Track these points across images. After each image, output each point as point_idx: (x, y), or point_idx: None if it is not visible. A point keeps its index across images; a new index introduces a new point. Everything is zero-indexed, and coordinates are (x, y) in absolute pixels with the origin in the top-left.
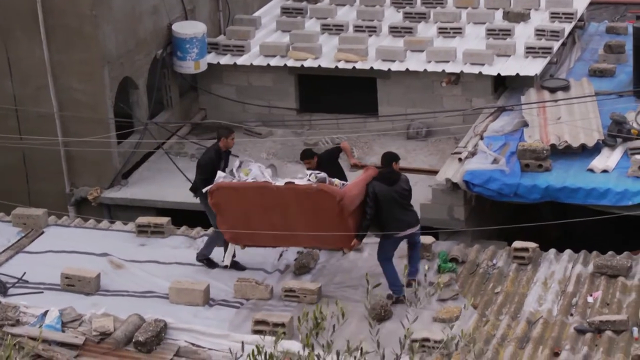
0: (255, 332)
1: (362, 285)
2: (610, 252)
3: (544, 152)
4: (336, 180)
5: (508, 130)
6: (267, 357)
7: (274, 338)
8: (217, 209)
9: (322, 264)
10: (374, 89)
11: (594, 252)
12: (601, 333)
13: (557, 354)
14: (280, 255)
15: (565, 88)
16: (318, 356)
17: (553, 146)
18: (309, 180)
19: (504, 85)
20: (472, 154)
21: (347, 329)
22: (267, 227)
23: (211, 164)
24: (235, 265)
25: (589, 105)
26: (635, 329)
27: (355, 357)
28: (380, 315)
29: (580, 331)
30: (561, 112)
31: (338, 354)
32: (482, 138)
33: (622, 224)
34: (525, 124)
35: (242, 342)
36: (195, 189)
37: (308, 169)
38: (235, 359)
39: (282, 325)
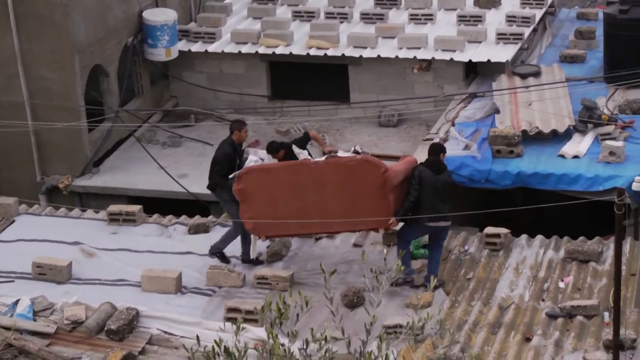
0: (228, 319)
1: (336, 271)
2: (581, 238)
3: (515, 138)
4: (360, 150)
5: (479, 116)
6: (226, 351)
7: (242, 326)
8: (242, 196)
9: (294, 251)
10: (345, 76)
11: (565, 238)
12: (572, 318)
13: (528, 339)
14: (253, 242)
15: (536, 74)
16: (283, 345)
17: (524, 132)
18: (355, 151)
19: (475, 72)
20: (444, 140)
21: (319, 316)
22: (297, 213)
23: (227, 158)
24: (255, 260)
25: (559, 91)
26: (606, 314)
27: (321, 345)
28: (353, 302)
29: (552, 316)
30: (532, 98)
31: (307, 342)
32: (453, 124)
33: (593, 210)
34: (497, 110)
35: (197, 336)
36: (214, 187)
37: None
38: (193, 353)
39: (252, 312)
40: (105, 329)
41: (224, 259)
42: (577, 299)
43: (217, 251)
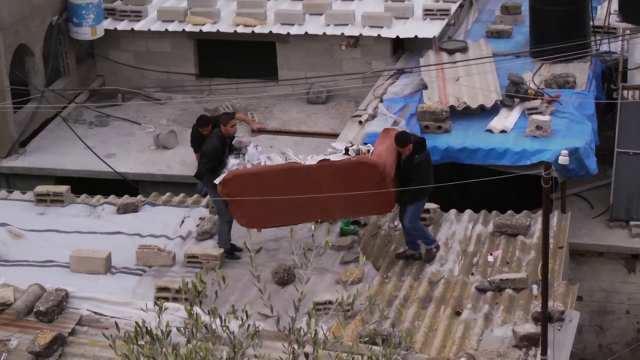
0: (158, 299)
1: (265, 249)
2: (509, 212)
3: (443, 113)
4: (363, 148)
5: (407, 92)
6: (148, 332)
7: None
8: (229, 197)
9: None
10: (273, 53)
11: (494, 212)
12: (501, 291)
13: (458, 313)
14: (182, 221)
15: (463, 49)
16: (204, 323)
17: (452, 107)
18: (346, 154)
19: (403, 48)
20: (372, 116)
21: (249, 293)
22: (294, 206)
23: (215, 152)
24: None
25: (486, 67)
26: (534, 287)
27: (242, 321)
28: (284, 279)
29: (481, 290)
30: (459, 73)
31: (222, 318)
32: (381, 100)
33: (520, 184)
34: (424, 86)
35: (116, 322)
36: (201, 176)
37: (204, 134)
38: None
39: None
40: (34, 310)
41: (235, 249)
42: (506, 273)
43: (227, 252)
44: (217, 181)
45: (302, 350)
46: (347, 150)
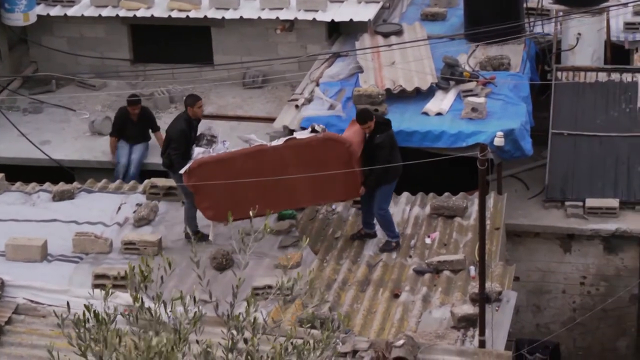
0: (96, 286)
1: (204, 234)
2: (446, 194)
3: (379, 96)
4: (319, 128)
5: (343, 76)
6: (96, 316)
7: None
8: (195, 188)
9: (161, 215)
10: (208, 38)
11: (431, 194)
12: (439, 273)
13: (397, 296)
14: (119, 208)
15: (398, 33)
16: (149, 309)
17: (388, 90)
18: (314, 131)
19: (338, 32)
20: (309, 100)
21: (188, 279)
22: (260, 195)
23: (184, 135)
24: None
25: (422, 49)
26: (472, 268)
27: (186, 307)
28: (222, 264)
29: (419, 272)
30: (395, 56)
31: (165, 303)
32: (318, 84)
33: (457, 166)
34: (360, 70)
35: (68, 303)
36: (171, 165)
37: (132, 117)
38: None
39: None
40: None
41: (204, 237)
42: (444, 255)
43: (194, 233)
44: (182, 171)
45: (241, 336)
46: (313, 128)
